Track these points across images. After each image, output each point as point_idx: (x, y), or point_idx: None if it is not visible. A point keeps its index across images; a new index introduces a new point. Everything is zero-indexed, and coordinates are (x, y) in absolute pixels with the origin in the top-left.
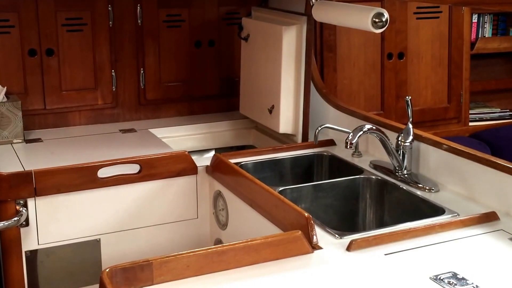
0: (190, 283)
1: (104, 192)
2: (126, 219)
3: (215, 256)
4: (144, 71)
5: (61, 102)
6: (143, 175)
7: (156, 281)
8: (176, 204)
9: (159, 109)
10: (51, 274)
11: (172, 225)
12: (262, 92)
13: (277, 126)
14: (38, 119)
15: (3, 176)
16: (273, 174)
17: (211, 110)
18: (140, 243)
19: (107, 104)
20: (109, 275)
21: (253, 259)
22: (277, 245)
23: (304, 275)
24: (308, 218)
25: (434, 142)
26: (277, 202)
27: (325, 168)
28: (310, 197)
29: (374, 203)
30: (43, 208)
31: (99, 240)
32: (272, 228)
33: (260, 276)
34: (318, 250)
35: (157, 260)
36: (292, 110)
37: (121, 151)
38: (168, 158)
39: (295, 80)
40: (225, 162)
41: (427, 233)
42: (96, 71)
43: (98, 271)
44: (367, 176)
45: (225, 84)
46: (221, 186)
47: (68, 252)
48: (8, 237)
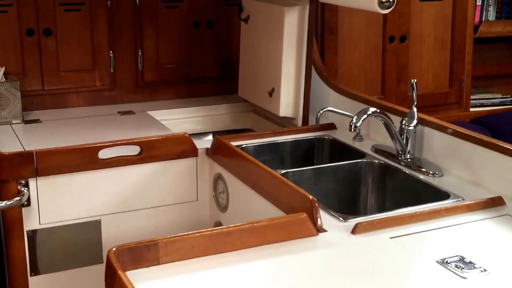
0: (195, 264)
1: (104, 173)
2: (127, 201)
3: (221, 237)
4: (142, 53)
5: (59, 83)
6: (144, 156)
7: (162, 261)
8: (176, 186)
9: (157, 91)
10: (52, 254)
11: (172, 207)
12: (262, 75)
13: (277, 109)
14: (36, 100)
15: (5, 156)
16: (273, 157)
17: (210, 92)
18: (140, 225)
19: (105, 86)
20: (115, 254)
21: (258, 240)
22: (282, 227)
23: (309, 257)
24: (313, 201)
25: (438, 126)
26: (281, 185)
27: (326, 152)
28: (311, 180)
29: (376, 187)
30: (45, 188)
31: (99, 221)
32: (274, 210)
33: (266, 258)
34: (323, 232)
35: (163, 240)
36: (293, 93)
37: (120, 133)
38: (168, 140)
39: (296, 63)
40: (226, 144)
41: (433, 217)
42: (94, 52)
43: (98, 252)
44: (370, 160)
45: (224, 66)
46: (222, 169)
47: (69, 232)
48: (9, 217)
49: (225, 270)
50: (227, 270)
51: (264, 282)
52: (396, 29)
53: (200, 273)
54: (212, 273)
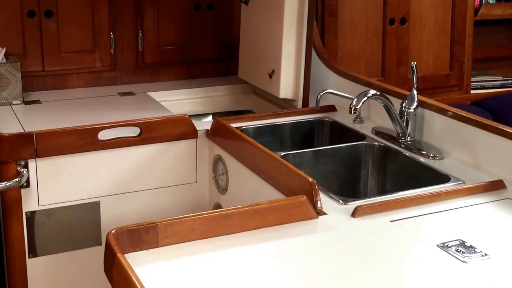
0: (194, 246)
1: (104, 154)
2: (126, 182)
3: (220, 219)
4: (142, 34)
5: (59, 64)
6: (143, 138)
7: (161, 244)
8: (175, 168)
9: (157, 72)
10: (51, 235)
11: (171, 188)
12: (262, 56)
13: (277, 91)
14: (37, 80)
15: (4, 137)
16: (273, 139)
17: (210, 74)
18: (139, 206)
19: (105, 67)
20: (115, 236)
21: (258, 223)
22: (282, 209)
23: (309, 240)
24: (313, 183)
25: (439, 108)
26: (280, 167)
27: (326, 134)
28: (311, 163)
29: (376, 170)
30: (44, 169)
31: (98, 202)
32: (274, 193)
33: (265, 240)
34: (323, 215)
35: (162, 222)
36: (293, 75)
37: (120, 114)
38: (168, 122)
39: (296, 45)
40: (226, 126)
41: (433, 200)
42: (95, 33)
43: (97, 234)
44: (370, 143)
45: (224, 48)
46: (221, 151)
47: (68, 213)
48: (8, 198)
49: (225, 253)
50: (227, 253)
51: (263, 265)
52: (396, 12)
53: (199, 256)
54: (211, 256)
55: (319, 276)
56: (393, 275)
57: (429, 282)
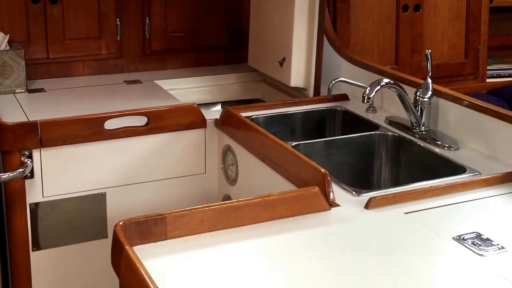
0: (204, 239)
1: (110, 144)
2: (133, 173)
3: (230, 211)
4: (149, 20)
5: (64, 51)
6: (151, 127)
7: (169, 236)
8: (183, 158)
9: (164, 60)
10: (55, 227)
11: (180, 179)
12: (273, 43)
13: (288, 79)
14: (41, 68)
15: (8, 126)
16: (284, 129)
17: (218, 62)
18: (146, 198)
19: (111, 54)
20: (122, 228)
21: (269, 215)
22: (294, 201)
23: (322, 232)
24: (325, 174)
25: (454, 98)
26: (292, 157)
27: (338, 123)
28: (323, 153)
29: (390, 160)
30: (49, 159)
31: (104, 193)
32: (285, 184)
33: (277, 233)
34: (336, 207)
35: (171, 214)
36: (304, 63)
37: (126, 102)
38: (176, 111)
39: (308, 32)
40: (236, 115)
41: (448, 192)
42: (100, 19)
43: (103, 226)
44: (383, 132)
45: (233, 34)
46: (231, 140)
47: (73, 205)
48: (12, 189)
49: (235, 245)
50: (237, 246)
51: (275, 257)
52: None
53: (209, 249)
54: (221, 249)
55: (332, 269)
56: (408, 269)
57: (445, 276)
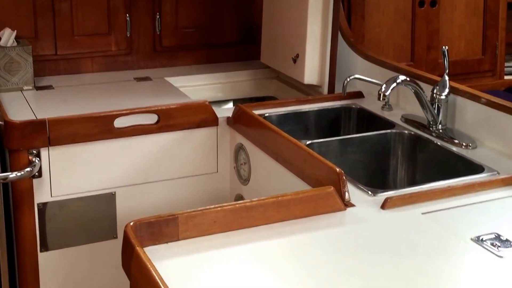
0: (216, 240)
1: (120, 143)
2: (143, 172)
3: (243, 211)
4: (160, 16)
5: (73, 48)
6: (161, 125)
7: (181, 237)
8: (195, 157)
9: (175, 56)
10: (63, 228)
11: (191, 179)
12: (286, 40)
13: (302, 76)
14: (49, 65)
15: (16, 124)
16: (297, 127)
17: (230, 58)
18: (156, 198)
19: (121, 51)
20: (133, 228)
21: (283, 215)
22: (308, 201)
23: (337, 233)
24: (340, 174)
25: (471, 95)
26: (306, 156)
27: (353, 121)
28: (338, 152)
29: (406, 159)
30: (57, 158)
31: (114, 193)
32: (299, 183)
33: (291, 233)
34: (351, 207)
35: (183, 214)
36: (318, 60)
37: (136, 100)
38: (187, 108)
39: (322, 28)
40: (248, 113)
41: (466, 191)
42: (110, 15)
43: (112, 226)
44: (399, 131)
45: (245, 30)
46: (244, 139)
47: (81, 205)
48: (20, 189)
49: (248, 246)
50: (250, 247)
51: (289, 259)
52: None
53: (221, 250)
54: (234, 250)
55: (347, 271)
56: (425, 270)
57: (464, 277)
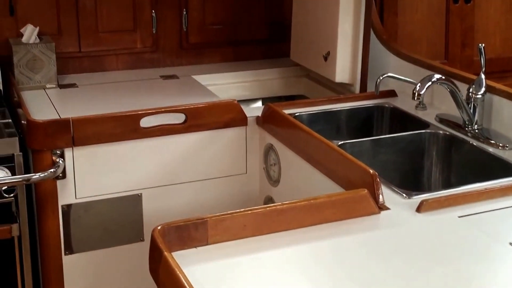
0: (247, 244)
1: (146, 143)
2: (170, 173)
3: (275, 215)
4: (187, 12)
5: (97, 45)
6: (189, 125)
7: (211, 241)
8: (223, 157)
9: (202, 54)
10: (88, 230)
11: (219, 180)
12: (317, 37)
13: (333, 74)
14: (72, 62)
15: (39, 123)
16: (328, 127)
17: (258, 56)
18: (184, 200)
19: (146, 48)
20: (161, 233)
21: (315, 219)
22: (342, 204)
23: (371, 237)
24: (374, 176)
25: (508, 94)
26: (338, 158)
27: (386, 121)
28: (370, 152)
29: (440, 160)
30: (82, 159)
31: (140, 195)
32: (331, 185)
33: (323, 238)
34: (385, 210)
35: (212, 218)
36: (350, 58)
37: (163, 99)
38: (216, 108)
39: (354, 24)
40: (279, 112)
41: (505, 194)
42: (135, 11)
43: (138, 229)
44: (434, 131)
45: (274, 27)
46: (273, 139)
47: (107, 207)
48: (43, 190)
49: (280, 251)
50: (282, 252)
51: (322, 264)
52: None
53: (252, 255)
54: (265, 255)
55: (383, 277)
56: (463, 276)
57: (503, 283)
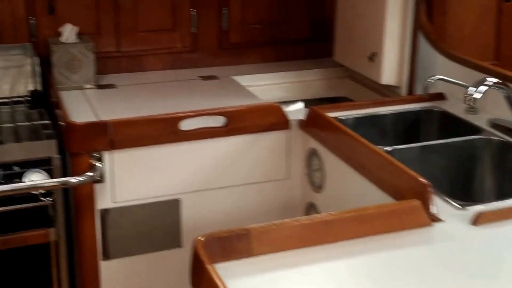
0: (292, 257)
1: (186, 146)
2: (210, 178)
3: (321, 226)
4: (227, 11)
5: (136, 44)
6: (229, 128)
7: (254, 253)
8: (264, 162)
9: (242, 54)
10: (126, 235)
11: (260, 185)
12: (362, 36)
13: (379, 76)
14: (111, 62)
15: (78, 126)
16: (373, 131)
17: (301, 56)
18: (224, 205)
19: (185, 47)
20: (203, 244)
21: (365, 231)
22: (392, 215)
23: (424, 252)
24: (427, 185)
25: None
26: (386, 164)
27: (435, 125)
28: (418, 159)
29: (494, 168)
30: (120, 162)
31: (179, 199)
32: (377, 193)
33: (373, 251)
34: (438, 222)
35: (256, 229)
36: (397, 58)
37: (202, 100)
38: (257, 110)
39: (401, 24)
40: (323, 116)
41: None
42: (175, 10)
43: (177, 234)
44: (487, 137)
45: (317, 26)
46: (317, 143)
47: (145, 212)
48: (81, 194)
49: (326, 264)
50: (328, 265)
51: (371, 279)
52: None
53: (297, 268)
54: (311, 268)
55: None
56: None
57: None
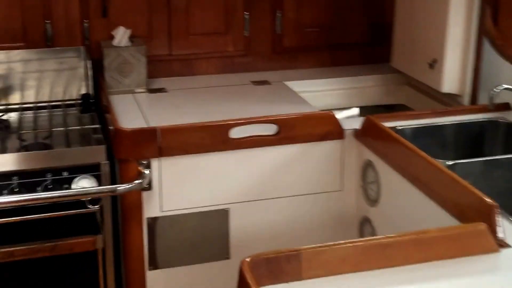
0: (345, 281)
1: (236, 155)
2: (260, 188)
3: (378, 249)
4: (281, 14)
5: (187, 48)
6: (281, 137)
7: (304, 276)
8: (317, 172)
9: (296, 58)
10: (173, 245)
11: (312, 197)
12: (422, 42)
13: (440, 84)
14: (162, 66)
15: (126, 132)
16: (433, 142)
17: (356, 61)
18: (274, 216)
19: (238, 51)
20: (250, 266)
21: (425, 256)
22: (455, 240)
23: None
24: (494, 206)
25: None
26: (448, 181)
27: (500, 138)
28: (482, 175)
29: None
30: (168, 170)
31: (228, 210)
32: (437, 210)
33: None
34: (507, 248)
35: (307, 250)
36: (459, 66)
37: (254, 106)
38: (310, 119)
39: (465, 28)
40: (379, 126)
41: None
42: (227, 12)
43: (225, 246)
44: None
45: (374, 30)
46: (373, 155)
47: (193, 221)
48: (129, 201)
49: None
50: None
51: None
52: None
53: None
54: None
55: None
56: None
57: None
